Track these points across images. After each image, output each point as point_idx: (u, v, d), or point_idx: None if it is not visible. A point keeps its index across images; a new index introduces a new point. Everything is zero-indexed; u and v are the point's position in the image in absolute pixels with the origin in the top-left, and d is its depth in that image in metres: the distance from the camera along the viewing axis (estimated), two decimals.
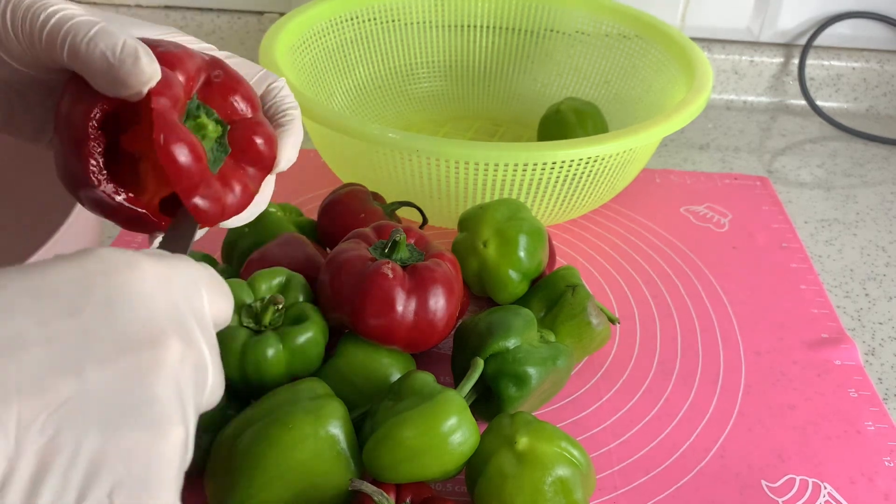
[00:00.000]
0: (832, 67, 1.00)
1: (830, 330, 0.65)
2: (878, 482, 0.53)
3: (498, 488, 0.45)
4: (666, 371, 0.61)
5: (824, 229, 0.79)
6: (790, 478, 0.53)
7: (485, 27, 0.90)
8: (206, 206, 0.37)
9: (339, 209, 0.63)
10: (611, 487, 0.52)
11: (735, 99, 1.02)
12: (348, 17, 0.85)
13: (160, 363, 0.28)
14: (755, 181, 0.84)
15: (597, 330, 0.58)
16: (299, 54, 0.78)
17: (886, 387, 0.61)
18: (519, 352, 0.52)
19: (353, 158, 0.69)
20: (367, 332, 0.52)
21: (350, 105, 0.85)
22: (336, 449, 0.46)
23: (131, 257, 0.30)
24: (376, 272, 0.51)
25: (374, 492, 0.44)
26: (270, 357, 0.51)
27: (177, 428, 0.28)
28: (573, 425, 0.56)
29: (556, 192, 0.67)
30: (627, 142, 0.64)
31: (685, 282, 0.69)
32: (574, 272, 0.60)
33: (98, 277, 0.28)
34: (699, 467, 0.53)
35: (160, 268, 0.30)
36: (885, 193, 0.86)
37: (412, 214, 0.68)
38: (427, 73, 0.91)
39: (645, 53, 0.83)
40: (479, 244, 0.60)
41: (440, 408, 0.45)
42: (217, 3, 1.00)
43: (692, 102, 0.69)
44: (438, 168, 0.64)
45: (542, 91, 0.91)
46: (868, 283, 0.72)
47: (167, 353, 0.28)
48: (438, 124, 0.90)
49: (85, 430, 0.26)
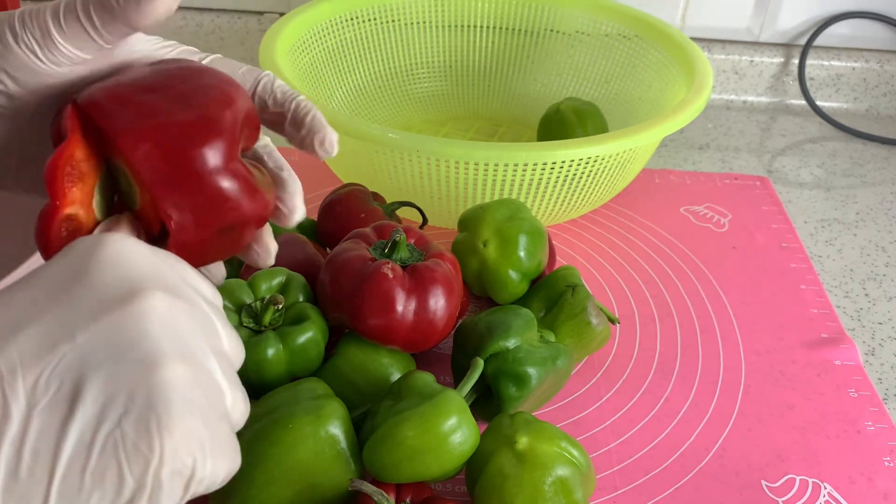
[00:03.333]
0: (832, 67, 1.00)
1: (830, 330, 0.65)
2: (877, 482, 0.53)
3: (498, 488, 0.45)
4: (666, 371, 0.61)
5: (824, 229, 0.79)
6: (790, 478, 0.53)
7: (485, 27, 0.90)
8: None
9: (339, 209, 0.63)
10: (611, 487, 0.52)
11: (735, 99, 1.02)
12: (348, 17, 0.85)
13: (142, 311, 0.30)
14: (755, 181, 0.84)
15: (597, 330, 0.58)
16: (299, 54, 0.78)
17: (886, 387, 0.61)
18: (519, 352, 0.52)
19: (353, 158, 0.69)
20: (367, 332, 0.52)
21: (350, 105, 0.85)
22: (336, 449, 0.46)
23: (99, 238, 0.32)
24: (376, 272, 0.51)
25: (374, 492, 0.44)
26: (270, 357, 0.51)
27: (174, 363, 0.30)
28: (573, 425, 0.56)
29: (556, 192, 0.67)
30: (627, 142, 0.64)
31: (685, 282, 0.69)
32: (574, 272, 0.60)
33: (82, 254, 0.31)
34: (699, 467, 0.53)
35: (136, 242, 0.33)
36: (885, 193, 0.86)
37: (412, 214, 0.68)
38: (427, 73, 0.91)
39: (645, 53, 0.83)
40: (479, 244, 0.60)
41: (440, 408, 0.45)
42: (217, 3, 1.00)
43: (692, 102, 0.69)
44: (438, 168, 0.64)
45: (542, 91, 0.91)
46: (868, 283, 0.72)
47: (149, 302, 0.31)
48: (438, 124, 0.90)
49: (84, 377, 0.29)
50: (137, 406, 0.29)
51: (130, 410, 0.29)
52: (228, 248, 0.39)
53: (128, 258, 0.32)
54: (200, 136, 0.35)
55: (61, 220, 0.34)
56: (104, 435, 0.28)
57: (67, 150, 0.35)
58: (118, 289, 0.31)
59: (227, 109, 0.36)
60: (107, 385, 0.29)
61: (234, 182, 0.36)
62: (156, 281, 0.32)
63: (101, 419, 0.28)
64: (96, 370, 0.29)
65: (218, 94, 0.36)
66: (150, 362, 0.30)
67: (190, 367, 0.31)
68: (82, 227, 0.35)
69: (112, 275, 0.31)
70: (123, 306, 0.30)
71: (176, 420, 0.29)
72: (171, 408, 0.29)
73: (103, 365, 0.29)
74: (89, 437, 0.28)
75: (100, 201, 0.36)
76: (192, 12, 1.01)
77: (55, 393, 0.28)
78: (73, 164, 0.35)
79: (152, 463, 0.29)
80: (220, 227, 0.36)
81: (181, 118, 0.35)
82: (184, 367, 0.30)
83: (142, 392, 0.29)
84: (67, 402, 0.28)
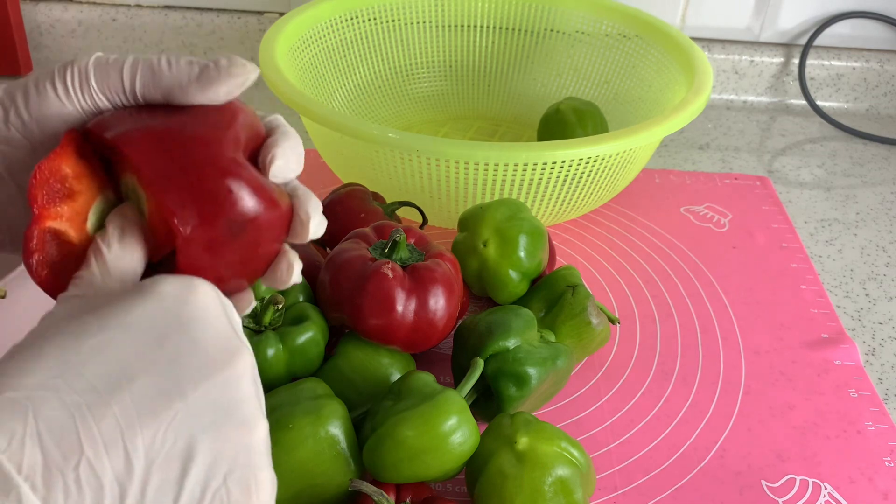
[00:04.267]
0: (832, 67, 1.00)
1: (830, 330, 0.65)
2: (877, 482, 0.53)
3: (498, 488, 0.45)
4: (666, 371, 0.61)
5: (824, 229, 0.79)
6: (790, 478, 0.53)
7: (485, 27, 0.90)
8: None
9: (339, 209, 0.63)
10: (611, 487, 0.52)
11: (735, 99, 1.02)
12: (348, 17, 0.84)
13: (241, 373, 0.32)
14: (755, 181, 0.84)
15: (597, 330, 0.58)
16: (299, 54, 0.78)
17: (886, 387, 0.61)
18: (519, 352, 0.52)
19: (353, 158, 0.69)
20: (367, 332, 0.52)
21: (350, 105, 0.85)
22: (336, 449, 0.46)
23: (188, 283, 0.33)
24: (376, 272, 0.51)
25: (374, 492, 0.44)
26: (270, 357, 0.51)
27: (262, 421, 0.33)
28: (573, 425, 0.56)
29: (556, 192, 0.67)
30: (627, 142, 0.64)
31: (685, 282, 0.69)
32: (574, 272, 0.60)
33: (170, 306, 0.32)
34: (699, 467, 0.53)
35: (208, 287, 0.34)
36: (885, 193, 0.86)
37: (412, 214, 0.68)
38: (427, 73, 0.91)
39: (645, 53, 0.83)
40: (479, 244, 0.60)
41: (440, 408, 0.45)
42: (217, 3, 1.00)
43: (692, 102, 0.68)
44: (438, 168, 0.64)
45: (542, 91, 0.91)
46: (868, 283, 0.72)
47: (244, 363, 0.33)
48: (438, 124, 0.90)
49: (195, 436, 0.30)
50: (240, 466, 0.31)
51: (234, 470, 0.31)
52: (248, 258, 0.37)
53: (216, 308, 0.33)
54: (199, 131, 0.35)
55: (42, 230, 0.34)
56: (212, 492, 0.30)
57: (51, 162, 0.34)
58: (220, 349, 0.32)
59: (226, 113, 0.36)
60: (214, 444, 0.31)
61: (238, 177, 0.35)
62: (240, 338, 0.33)
63: (210, 477, 0.30)
64: (205, 430, 0.31)
65: (216, 106, 0.37)
66: (249, 425, 0.32)
67: (266, 422, 0.33)
68: (72, 244, 0.35)
69: (212, 331, 0.32)
70: (226, 368, 0.32)
71: (265, 475, 0.32)
72: (262, 465, 0.32)
73: (211, 424, 0.31)
74: (199, 494, 0.30)
75: (97, 225, 0.36)
76: (192, 12, 1.01)
77: (169, 449, 0.30)
78: (59, 179, 0.35)
79: None
80: (230, 226, 0.35)
81: (181, 119, 0.35)
82: (265, 423, 0.33)
83: (243, 452, 0.32)
84: (180, 460, 0.30)
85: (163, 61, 0.35)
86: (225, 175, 0.35)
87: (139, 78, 0.35)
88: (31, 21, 1.02)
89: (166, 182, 0.34)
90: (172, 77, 0.35)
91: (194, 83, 0.35)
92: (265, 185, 0.36)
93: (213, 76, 0.35)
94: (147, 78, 0.35)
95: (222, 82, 0.35)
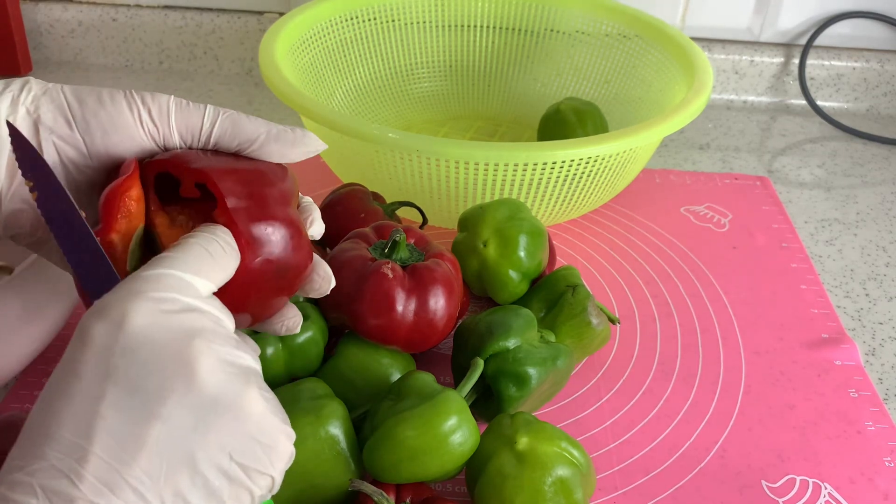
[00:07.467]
0: (832, 67, 1.00)
1: (830, 330, 0.65)
2: (878, 482, 0.53)
3: (498, 488, 0.45)
4: (666, 371, 0.61)
5: (824, 229, 0.79)
6: (790, 478, 0.53)
7: (485, 27, 0.90)
8: None
9: (339, 209, 0.63)
10: (611, 487, 0.52)
11: (735, 99, 1.02)
12: (348, 17, 0.84)
13: (193, 358, 0.33)
14: (755, 181, 0.84)
15: (597, 330, 0.58)
16: (299, 54, 0.78)
17: (887, 387, 0.61)
18: (519, 352, 0.52)
19: (353, 158, 0.69)
20: (367, 332, 0.52)
21: (350, 105, 0.85)
22: (336, 449, 0.46)
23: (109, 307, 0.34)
24: (376, 272, 0.51)
25: (374, 492, 0.44)
26: (270, 356, 0.51)
27: (243, 389, 0.34)
28: (573, 425, 0.56)
29: (556, 192, 0.67)
30: (627, 142, 0.64)
31: (685, 282, 0.69)
32: (574, 272, 0.60)
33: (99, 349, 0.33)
34: (699, 467, 0.53)
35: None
36: (886, 193, 0.86)
37: (412, 214, 0.68)
38: (427, 73, 0.91)
39: (645, 53, 0.83)
40: (479, 244, 0.60)
41: (440, 408, 0.45)
42: (217, 3, 1.00)
43: (692, 102, 0.68)
44: (438, 168, 0.64)
45: (542, 91, 0.91)
46: (868, 283, 0.72)
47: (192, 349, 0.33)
48: (438, 124, 0.90)
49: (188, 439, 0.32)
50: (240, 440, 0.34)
51: (236, 449, 0.34)
52: (270, 296, 0.41)
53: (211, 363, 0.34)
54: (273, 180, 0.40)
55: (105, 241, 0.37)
56: (226, 474, 0.33)
57: (128, 181, 0.38)
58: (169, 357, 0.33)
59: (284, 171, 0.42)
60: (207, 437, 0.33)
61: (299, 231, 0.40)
62: (257, 373, 0.35)
63: (219, 462, 0.33)
64: (195, 430, 0.33)
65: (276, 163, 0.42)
66: (228, 403, 0.33)
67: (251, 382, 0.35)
68: (116, 256, 0.38)
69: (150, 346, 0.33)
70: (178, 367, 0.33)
71: (270, 437, 0.35)
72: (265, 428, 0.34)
73: (200, 422, 0.33)
74: (217, 480, 0.33)
75: (134, 245, 0.39)
76: (192, 12, 1.01)
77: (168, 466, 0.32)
78: (129, 198, 0.38)
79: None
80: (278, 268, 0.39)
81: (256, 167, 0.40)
82: (246, 389, 0.34)
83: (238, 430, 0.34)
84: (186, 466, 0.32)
85: (243, 117, 0.40)
86: (291, 224, 0.40)
87: (219, 125, 0.40)
88: (31, 21, 1.02)
89: (247, 217, 0.38)
90: (252, 131, 0.40)
91: (273, 142, 0.40)
92: (310, 243, 0.42)
93: (292, 139, 0.41)
94: (226, 127, 0.40)
95: (298, 146, 0.41)
